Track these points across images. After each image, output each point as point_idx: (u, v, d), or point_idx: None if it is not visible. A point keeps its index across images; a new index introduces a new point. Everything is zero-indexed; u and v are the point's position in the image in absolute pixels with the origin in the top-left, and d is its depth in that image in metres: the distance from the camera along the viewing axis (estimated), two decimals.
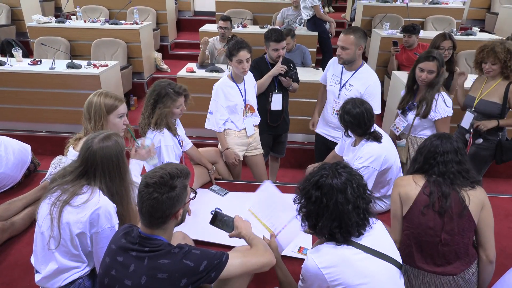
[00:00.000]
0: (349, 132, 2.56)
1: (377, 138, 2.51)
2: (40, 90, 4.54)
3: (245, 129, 3.20)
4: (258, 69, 3.34)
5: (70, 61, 4.56)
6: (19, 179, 3.05)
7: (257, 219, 2.41)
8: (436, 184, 1.94)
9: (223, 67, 4.54)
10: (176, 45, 7.53)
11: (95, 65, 4.59)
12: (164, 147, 2.61)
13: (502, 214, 2.90)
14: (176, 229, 1.81)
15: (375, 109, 2.67)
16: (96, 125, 2.29)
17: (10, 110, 4.68)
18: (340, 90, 3.10)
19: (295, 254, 2.32)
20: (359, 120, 2.44)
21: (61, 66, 4.56)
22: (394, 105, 3.48)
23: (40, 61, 4.72)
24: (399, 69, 4.86)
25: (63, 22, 5.90)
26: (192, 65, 4.73)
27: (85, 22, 6.02)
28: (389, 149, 2.56)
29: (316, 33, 5.80)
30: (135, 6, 6.51)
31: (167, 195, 1.48)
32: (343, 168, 1.60)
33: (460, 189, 1.93)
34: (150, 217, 1.51)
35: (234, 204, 2.82)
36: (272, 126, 3.50)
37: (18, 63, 4.67)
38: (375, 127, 2.57)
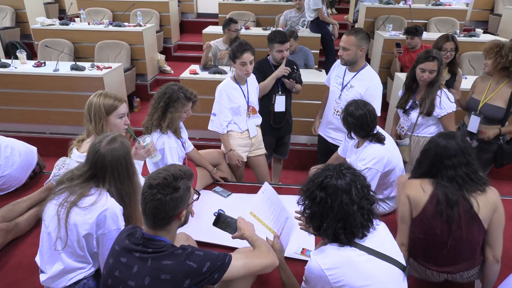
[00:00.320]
0: (352, 134, 2.56)
1: (380, 140, 2.51)
2: (44, 92, 4.56)
3: (248, 131, 3.20)
4: (261, 71, 3.34)
5: (74, 63, 4.58)
6: (24, 181, 3.06)
7: (260, 222, 2.42)
8: (444, 192, 1.91)
9: (226, 69, 4.56)
10: (179, 47, 7.55)
11: (99, 67, 4.62)
12: (168, 149, 2.62)
13: (506, 217, 2.84)
14: (179, 230, 1.81)
15: None
16: (97, 126, 2.29)
17: (14, 112, 4.70)
18: (342, 91, 3.10)
19: (298, 256, 2.32)
20: (362, 122, 2.44)
21: (65, 68, 4.59)
22: None
23: (44, 63, 4.74)
24: (402, 71, 4.85)
25: (67, 24, 5.93)
26: (195, 67, 4.74)
27: (89, 24, 6.05)
28: (392, 151, 2.56)
29: (319, 35, 5.81)
30: (139, 8, 6.55)
31: (171, 197, 1.48)
32: (347, 169, 1.61)
33: (470, 195, 1.91)
34: (154, 218, 1.51)
35: (237, 206, 2.82)
36: (276, 128, 3.50)
37: (22, 65, 4.69)
38: (378, 129, 2.57)
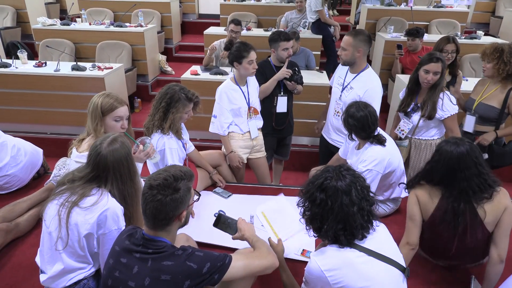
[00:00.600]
0: (353, 136, 2.56)
1: (381, 142, 2.50)
2: (45, 92, 4.56)
3: (249, 132, 3.20)
4: (263, 73, 3.33)
5: (75, 63, 4.59)
6: (27, 182, 3.06)
7: (267, 222, 2.50)
8: (452, 203, 1.95)
9: (227, 70, 4.56)
10: (181, 48, 7.56)
11: (100, 68, 4.62)
12: (169, 150, 2.62)
13: None
14: (180, 231, 1.81)
15: None
16: (92, 125, 2.29)
17: (15, 112, 4.71)
18: (342, 92, 3.10)
19: (298, 257, 2.32)
20: (363, 124, 2.43)
21: (66, 68, 4.59)
22: None
23: (45, 63, 4.75)
24: (403, 72, 4.86)
25: (68, 25, 5.94)
26: (196, 68, 4.74)
27: (90, 25, 6.06)
28: (393, 153, 2.56)
29: (320, 36, 5.81)
30: (140, 9, 6.55)
31: (171, 197, 1.48)
32: (347, 171, 1.61)
33: (477, 204, 1.94)
34: (154, 219, 1.51)
35: (238, 207, 2.82)
36: (277, 129, 3.50)
37: (23, 65, 4.69)
38: (379, 130, 2.57)
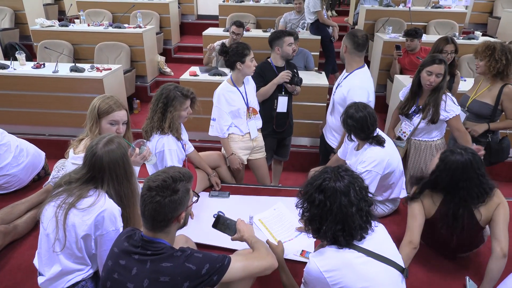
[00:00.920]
0: (352, 136, 2.56)
1: (380, 142, 2.50)
2: (43, 94, 4.56)
3: (249, 133, 3.19)
4: (262, 75, 3.33)
5: (74, 65, 4.58)
6: (27, 183, 3.05)
7: (265, 228, 2.53)
8: (451, 208, 2.04)
9: (226, 71, 4.55)
10: (179, 49, 7.56)
11: (98, 69, 4.61)
12: (168, 151, 2.61)
13: None
14: (179, 233, 1.81)
15: None
16: (89, 126, 2.29)
17: (13, 114, 4.70)
18: (335, 90, 3.15)
19: (298, 258, 2.32)
20: (362, 124, 2.43)
21: (65, 70, 4.58)
22: None
23: (44, 65, 4.74)
24: (402, 73, 4.86)
25: (67, 26, 5.94)
26: (195, 69, 4.74)
27: (89, 26, 6.06)
28: (392, 153, 2.56)
29: (319, 37, 5.81)
30: (139, 10, 6.56)
31: (170, 199, 1.48)
32: (345, 171, 1.61)
33: (475, 208, 2.03)
34: (153, 221, 1.51)
35: (237, 208, 2.82)
36: (278, 131, 3.50)
37: (22, 67, 4.69)
38: (378, 131, 2.57)
